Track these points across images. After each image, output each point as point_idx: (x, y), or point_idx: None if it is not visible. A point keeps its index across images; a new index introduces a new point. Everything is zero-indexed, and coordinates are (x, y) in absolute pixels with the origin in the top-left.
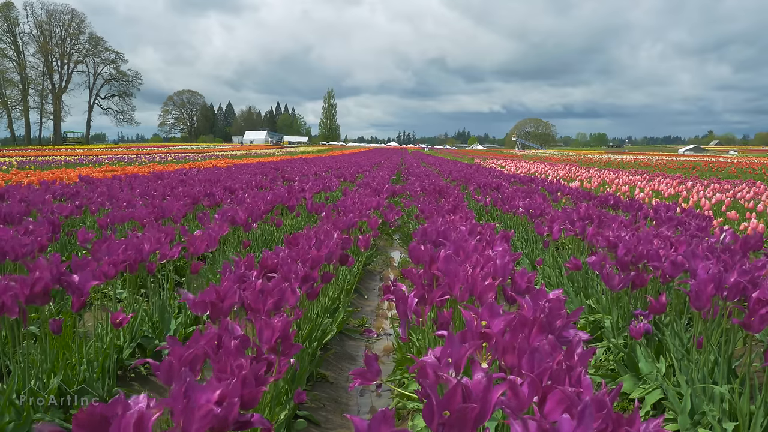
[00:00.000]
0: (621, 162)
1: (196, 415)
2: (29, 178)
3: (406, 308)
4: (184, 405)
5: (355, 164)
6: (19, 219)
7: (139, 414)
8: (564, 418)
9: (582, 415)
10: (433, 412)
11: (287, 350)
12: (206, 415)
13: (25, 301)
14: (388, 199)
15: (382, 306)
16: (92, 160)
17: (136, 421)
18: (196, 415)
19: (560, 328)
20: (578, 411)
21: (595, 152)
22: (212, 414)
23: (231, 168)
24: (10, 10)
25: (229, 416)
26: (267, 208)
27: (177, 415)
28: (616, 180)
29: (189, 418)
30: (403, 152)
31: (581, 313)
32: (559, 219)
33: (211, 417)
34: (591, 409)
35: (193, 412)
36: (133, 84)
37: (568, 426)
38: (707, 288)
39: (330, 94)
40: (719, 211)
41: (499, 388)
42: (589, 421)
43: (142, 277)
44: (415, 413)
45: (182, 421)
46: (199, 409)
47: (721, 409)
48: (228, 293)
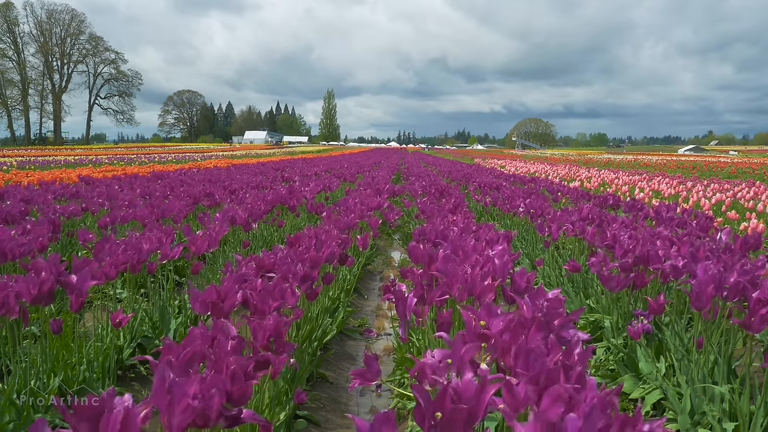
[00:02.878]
0: (621, 162)
1: (176, 409)
2: (29, 178)
3: (406, 308)
4: (168, 400)
5: (355, 164)
6: (19, 219)
7: (125, 411)
8: (570, 416)
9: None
10: (424, 415)
11: (280, 348)
12: (185, 409)
13: (31, 301)
14: (388, 199)
15: (382, 306)
16: (92, 160)
17: (123, 419)
18: (176, 409)
19: (559, 327)
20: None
21: (595, 152)
22: (191, 408)
23: (231, 168)
24: (10, 10)
25: (210, 409)
26: (267, 208)
27: (161, 411)
28: (616, 180)
29: (170, 412)
30: (403, 152)
31: (581, 314)
32: (559, 219)
33: (191, 410)
34: (598, 409)
35: (173, 406)
36: (133, 84)
37: (573, 425)
38: (708, 288)
39: (330, 94)
40: (719, 211)
41: (491, 387)
42: (595, 420)
43: (142, 277)
44: None
45: (165, 416)
46: (179, 403)
47: (721, 409)
48: (229, 293)
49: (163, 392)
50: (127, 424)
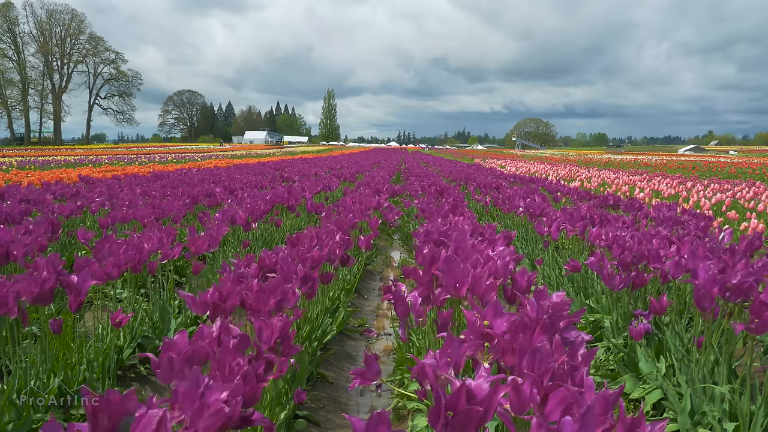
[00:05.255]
0: (621, 162)
1: (206, 413)
2: (29, 178)
3: (406, 308)
4: (198, 405)
5: (355, 164)
6: (19, 219)
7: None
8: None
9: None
10: (440, 413)
11: (287, 350)
12: (216, 413)
13: (32, 300)
14: (388, 199)
15: (382, 306)
16: (92, 160)
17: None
18: (206, 413)
19: (562, 329)
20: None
21: (595, 152)
22: (222, 413)
23: (231, 168)
24: (10, 10)
25: (233, 414)
26: (267, 208)
27: (187, 415)
28: (616, 180)
29: (198, 416)
30: (403, 152)
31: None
32: (559, 219)
33: (222, 415)
34: (593, 411)
35: (202, 410)
36: (133, 84)
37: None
38: (712, 288)
39: (330, 94)
40: (719, 211)
41: (503, 389)
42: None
43: (143, 277)
44: (415, 413)
45: (192, 421)
46: (209, 408)
47: (722, 409)
48: (230, 293)
49: (189, 396)
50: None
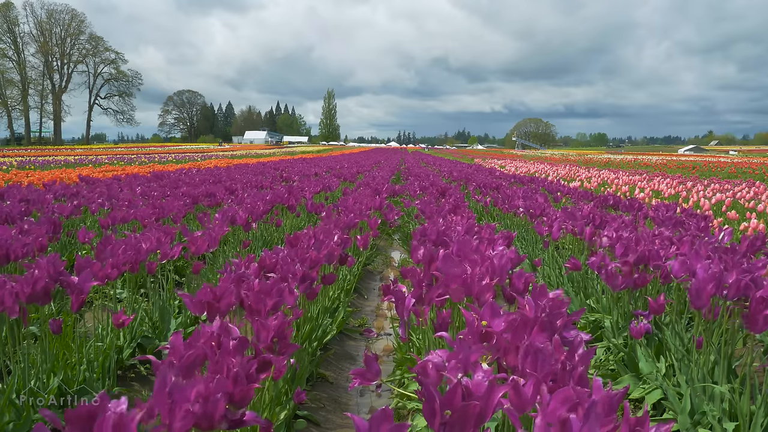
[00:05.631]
0: (621, 162)
1: (177, 412)
2: (29, 178)
3: (405, 308)
4: (169, 404)
5: (355, 164)
6: (19, 219)
7: (118, 415)
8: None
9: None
10: (434, 411)
11: (284, 349)
12: (186, 414)
13: (26, 300)
14: (388, 199)
15: (382, 306)
16: (92, 160)
17: (116, 423)
18: (177, 412)
19: (561, 328)
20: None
21: (595, 152)
22: (191, 413)
23: (231, 168)
24: (10, 10)
25: (213, 413)
26: (267, 207)
27: (162, 414)
28: (616, 180)
29: (172, 416)
30: (403, 152)
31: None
32: (559, 219)
33: (191, 415)
34: (597, 410)
35: (175, 409)
36: (133, 84)
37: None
38: (707, 287)
39: (330, 94)
40: (719, 211)
41: (501, 388)
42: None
43: (142, 277)
44: (415, 413)
45: (167, 420)
46: (180, 407)
47: (722, 408)
48: (224, 293)
49: (164, 396)
50: (120, 428)
